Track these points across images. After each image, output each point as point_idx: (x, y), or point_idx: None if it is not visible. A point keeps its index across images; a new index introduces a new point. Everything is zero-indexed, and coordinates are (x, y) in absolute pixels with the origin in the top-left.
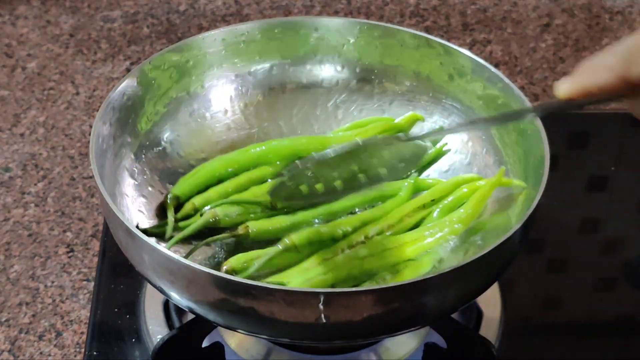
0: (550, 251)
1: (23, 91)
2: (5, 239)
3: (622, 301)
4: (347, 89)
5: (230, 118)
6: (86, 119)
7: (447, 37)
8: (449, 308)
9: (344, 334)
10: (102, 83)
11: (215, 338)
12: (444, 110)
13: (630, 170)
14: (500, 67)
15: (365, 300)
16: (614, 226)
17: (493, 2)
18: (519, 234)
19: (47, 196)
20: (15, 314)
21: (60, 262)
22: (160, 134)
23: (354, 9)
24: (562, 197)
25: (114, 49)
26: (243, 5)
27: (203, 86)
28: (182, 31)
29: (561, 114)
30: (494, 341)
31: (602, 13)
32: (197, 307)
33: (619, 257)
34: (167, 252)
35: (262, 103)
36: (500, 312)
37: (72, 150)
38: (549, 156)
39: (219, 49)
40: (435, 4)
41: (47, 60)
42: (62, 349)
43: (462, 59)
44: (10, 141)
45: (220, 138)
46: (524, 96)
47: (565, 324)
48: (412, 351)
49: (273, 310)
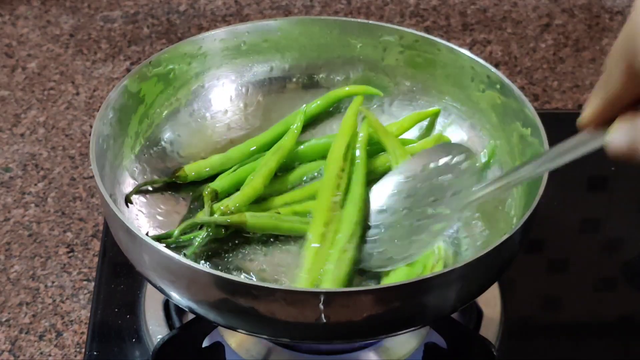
0: (550, 251)
1: (23, 91)
2: (6, 239)
3: (622, 301)
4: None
5: (230, 118)
6: (86, 119)
7: (447, 37)
8: (449, 308)
9: (344, 334)
10: (102, 83)
11: (215, 338)
12: (444, 110)
13: (630, 170)
14: (500, 67)
15: (365, 300)
16: (614, 226)
17: (493, 2)
18: (519, 234)
19: (48, 196)
20: (16, 314)
21: (61, 262)
22: (160, 134)
23: (353, 9)
24: (562, 197)
25: (114, 49)
26: (243, 5)
27: (203, 86)
28: (182, 31)
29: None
30: (494, 341)
31: (602, 13)
32: (197, 307)
33: (619, 257)
34: (167, 252)
35: (262, 103)
36: (500, 312)
37: (72, 151)
38: None
39: (219, 49)
40: (435, 4)
41: (47, 61)
42: (63, 349)
43: (462, 59)
44: (11, 141)
45: (221, 138)
46: (524, 96)
47: (565, 324)
48: (412, 351)
49: (273, 310)
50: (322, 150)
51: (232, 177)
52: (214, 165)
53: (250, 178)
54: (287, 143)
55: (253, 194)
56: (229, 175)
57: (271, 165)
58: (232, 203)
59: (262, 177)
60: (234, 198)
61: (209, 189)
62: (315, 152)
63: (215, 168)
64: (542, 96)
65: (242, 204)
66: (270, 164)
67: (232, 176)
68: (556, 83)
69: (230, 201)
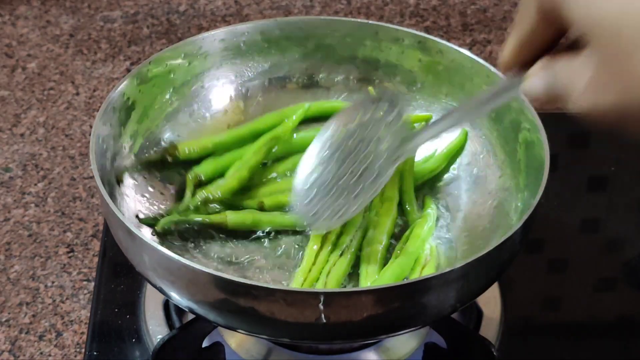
0: (550, 251)
1: (23, 91)
2: (6, 239)
3: (622, 301)
4: (347, 88)
5: (230, 118)
6: (86, 119)
7: (447, 37)
8: (449, 308)
9: (344, 334)
10: (102, 83)
11: (215, 338)
12: (444, 110)
13: (630, 170)
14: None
15: (365, 300)
16: (614, 226)
17: (493, 2)
18: (519, 234)
19: (48, 196)
20: (16, 314)
21: (61, 262)
22: (160, 134)
23: (353, 9)
24: (562, 197)
25: (114, 49)
26: (243, 5)
27: (203, 86)
28: (182, 31)
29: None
30: (494, 341)
31: None
32: (197, 307)
33: (619, 257)
34: (167, 252)
35: (262, 103)
36: (500, 312)
37: (72, 151)
38: (549, 156)
39: (219, 49)
40: (435, 4)
41: (47, 61)
42: (63, 349)
43: (462, 59)
44: (11, 141)
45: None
46: (524, 96)
47: (565, 324)
48: (412, 351)
49: (273, 310)
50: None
51: (218, 162)
52: (205, 146)
53: (238, 166)
54: (282, 135)
55: (238, 185)
56: (214, 160)
57: (259, 156)
58: (214, 191)
59: (249, 168)
60: (219, 187)
61: (192, 174)
62: (307, 144)
63: (207, 150)
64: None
65: (225, 194)
66: (258, 156)
67: (217, 161)
68: None
69: (214, 189)
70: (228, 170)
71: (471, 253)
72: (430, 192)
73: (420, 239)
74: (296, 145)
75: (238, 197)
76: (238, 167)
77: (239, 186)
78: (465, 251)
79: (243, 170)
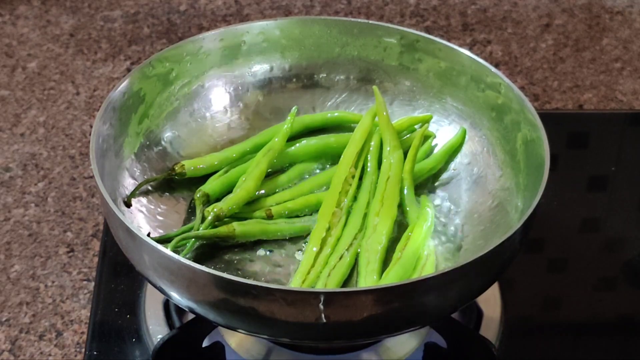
0: (550, 251)
1: (23, 91)
2: (6, 239)
3: (622, 301)
4: (347, 88)
5: (230, 118)
6: (86, 119)
7: (447, 37)
8: (449, 308)
9: (344, 334)
10: (102, 83)
11: (215, 338)
12: (443, 110)
13: (630, 170)
14: (500, 67)
15: (365, 300)
16: (614, 226)
17: (493, 2)
18: (519, 234)
19: (48, 196)
20: (16, 314)
21: (61, 262)
22: (160, 134)
23: (354, 9)
24: (562, 197)
25: (115, 49)
26: (243, 5)
27: (203, 86)
28: (182, 31)
29: None
30: (494, 341)
31: (602, 13)
32: (197, 307)
33: (619, 257)
34: (167, 252)
35: (262, 103)
36: (500, 312)
37: (72, 150)
38: (549, 156)
39: (219, 49)
40: (435, 4)
41: (48, 60)
42: (63, 349)
43: (462, 59)
44: (11, 141)
45: (221, 138)
46: (524, 96)
47: (565, 324)
48: (412, 351)
49: (273, 310)
50: (314, 151)
51: (223, 180)
52: (211, 163)
53: (242, 180)
54: (277, 144)
55: (246, 196)
56: (220, 178)
57: (262, 166)
58: (225, 206)
59: (254, 179)
60: (228, 201)
61: (200, 193)
62: (307, 153)
63: (213, 167)
64: (542, 96)
65: (236, 207)
66: (261, 166)
67: (223, 178)
68: (556, 83)
69: (224, 204)
70: (234, 186)
71: (471, 253)
72: (430, 192)
73: (420, 240)
74: (294, 155)
75: (244, 208)
76: (243, 179)
77: (247, 197)
78: (465, 251)
79: (249, 181)
